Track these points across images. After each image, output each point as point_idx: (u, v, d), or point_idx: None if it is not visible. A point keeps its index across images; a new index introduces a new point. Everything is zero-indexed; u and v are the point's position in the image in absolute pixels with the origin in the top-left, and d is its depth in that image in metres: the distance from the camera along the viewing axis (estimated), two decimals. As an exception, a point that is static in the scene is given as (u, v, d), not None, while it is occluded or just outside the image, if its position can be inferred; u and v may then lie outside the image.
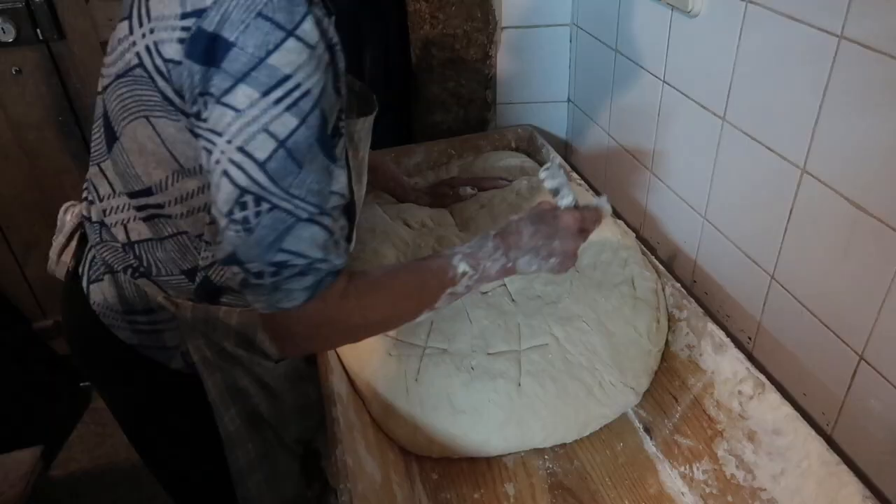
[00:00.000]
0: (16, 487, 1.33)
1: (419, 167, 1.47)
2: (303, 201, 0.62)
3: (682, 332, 1.01)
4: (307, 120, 0.60)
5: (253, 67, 0.57)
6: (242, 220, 0.62)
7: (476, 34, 1.42)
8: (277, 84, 0.58)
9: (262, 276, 0.64)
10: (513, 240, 0.81)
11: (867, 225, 0.74)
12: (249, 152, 0.59)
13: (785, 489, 0.80)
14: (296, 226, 0.62)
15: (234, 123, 0.59)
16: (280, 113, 0.59)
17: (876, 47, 0.68)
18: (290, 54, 0.58)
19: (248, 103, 0.58)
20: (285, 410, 0.95)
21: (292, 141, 0.60)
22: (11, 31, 1.54)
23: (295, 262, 0.63)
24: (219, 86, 0.59)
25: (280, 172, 0.60)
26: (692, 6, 0.97)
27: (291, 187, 0.61)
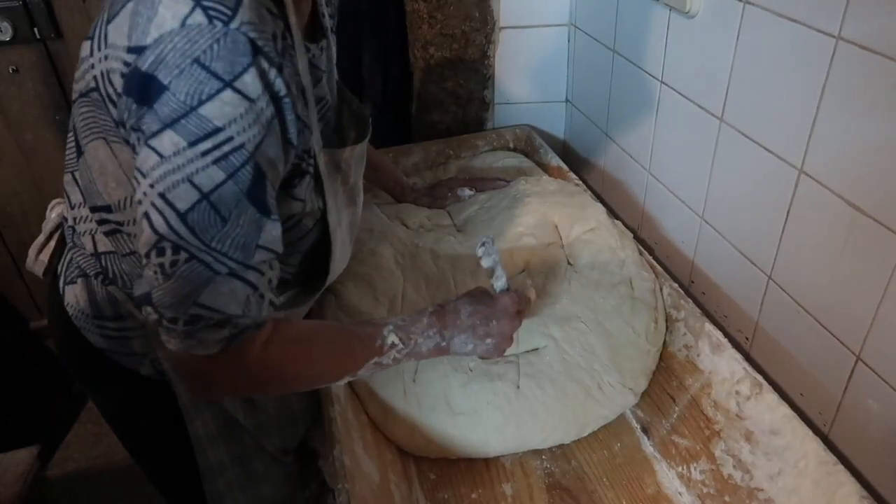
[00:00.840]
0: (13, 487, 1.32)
1: (417, 167, 1.47)
2: (224, 256, 0.59)
3: (679, 332, 1.01)
4: (236, 175, 0.57)
5: (183, 115, 0.55)
6: (159, 265, 0.59)
7: (474, 34, 1.42)
8: (206, 136, 0.56)
9: (175, 321, 0.61)
10: (450, 318, 0.81)
11: (864, 225, 0.74)
12: (170, 200, 0.57)
13: (782, 489, 0.80)
14: (214, 279, 0.59)
15: (158, 168, 0.56)
16: (206, 165, 0.56)
17: (873, 48, 0.69)
18: (225, 106, 0.56)
19: (174, 151, 0.56)
20: (265, 420, 0.94)
21: (217, 194, 0.57)
22: (9, 29, 1.53)
23: (210, 316, 0.61)
24: (148, 127, 0.56)
25: (201, 225, 0.57)
26: (690, 7, 0.97)
27: (213, 241, 0.58)
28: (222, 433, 0.89)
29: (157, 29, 0.56)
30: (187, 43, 0.55)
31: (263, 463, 0.94)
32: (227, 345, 0.63)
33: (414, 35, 1.43)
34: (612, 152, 1.33)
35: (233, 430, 0.90)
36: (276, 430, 0.96)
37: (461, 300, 0.84)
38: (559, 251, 1.09)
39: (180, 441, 0.87)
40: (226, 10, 0.56)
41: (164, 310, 0.60)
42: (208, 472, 0.89)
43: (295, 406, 0.99)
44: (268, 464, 0.95)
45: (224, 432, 0.89)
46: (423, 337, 0.80)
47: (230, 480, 0.90)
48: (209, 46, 0.55)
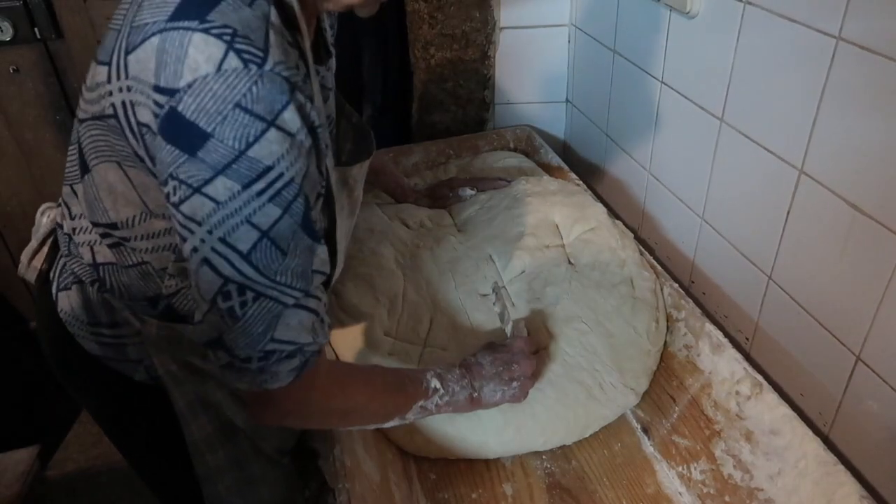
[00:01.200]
0: (12, 487, 1.32)
1: (417, 167, 1.47)
2: (289, 287, 0.61)
3: (680, 332, 1.01)
4: (290, 208, 0.59)
5: (233, 160, 0.55)
6: (228, 309, 0.60)
7: (475, 34, 1.42)
8: (259, 176, 0.56)
9: (249, 360, 0.63)
10: (475, 370, 0.86)
11: (864, 225, 0.74)
12: (232, 244, 0.58)
13: (782, 489, 0.80)
14: (284, 313, 0.61)
15: (215, 215, 0.57)
16: (263, 204, 0.57)
17: (873, 49, 0.69)
18: (272, 145, 0.56)
19: (229, 196, 0.56)
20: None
21: (275, 230, 0.58)
22: (9, 29, 1.53)
23: (283, 349, 0.63)
24: (196, 176, 0.56)
25: (264, 262, 0.59)
26: (690, 7, 0.97)
27: (277, 275, 0.60)
28: (219, 437, 0.88)
29: (192, 73, 0.55)
30: (226, 89, 0.55)
31: (261, 465, 0.94)
32: (298, 374, 0.65)
33: (414, 35, 1.43)
34: (613, 152, 1.34)
35: (229, 434, 0.90)
36: (273, 432, 0.96)
37: (480, 353, 0.89)
38: (560, 251, 1.09)
39: (176, 447, 0.87)
40: (258, 52, 0.56)
41: (238, 351, 0.62)
42: (206, 478, 0.88)
43: None
44: (265, 466, 0.95)
45: (221, 436, 0.89)
46: (458, 385, 0.83)
47: (229, 484, 0.90)
48: (248, 90, 0.55)
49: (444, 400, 0.82)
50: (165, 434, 0.87)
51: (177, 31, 0.56)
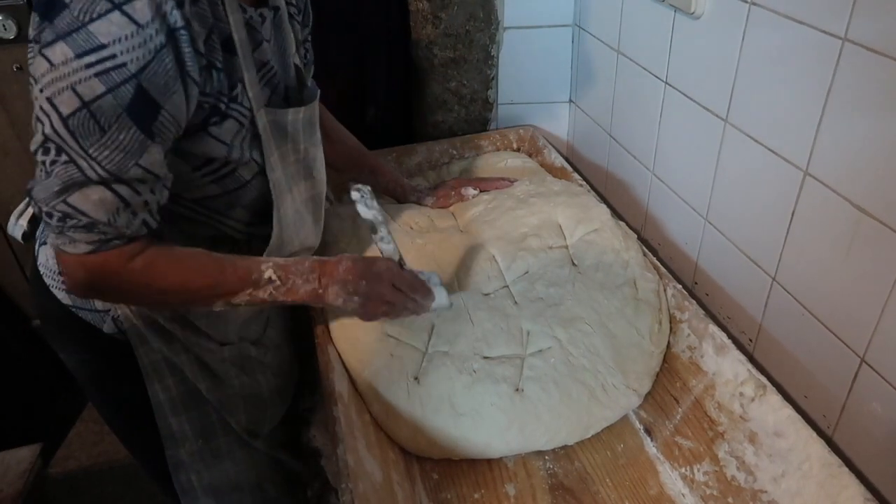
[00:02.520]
0: (15, 485, 1.32)
1: (420, 167, 1.46)
2: (98, 164, 0.65)
3: (683, 333, 1.01)
4: (117, 91, 0.63)
5: (74, 30, 0.61)
6: (42, 163, 0.66)
7: (478, 34, 1.41)
8: (91, 50, 0.62)
9: (50, 216, 0.68)
10: (329, 268, 0.85)
11: (869, 227, 0.74)
12: (56, 105, 0.63)
13: (786, 491, 0.80)
14: (86, 185, 0.66)
15: (47, 75, 0.63)
16: (88, 77, 0.62)
17: (880, 50, 0.68)
18: (112, 26, 0.61)
19: (62, 60, 0.62)
20: (230, 395, 0.96)
21: (96, 105, 0.63)
22: (13, 27, 1.53)
23: (78, 218, 0.67)
24: (45, 38, 0.63)
25: (81, 130, 0.64)
26: (695, 7, 0.97)
27: (90, 147, 0.65)
28: (185, 402, 0.92)
29: None
30: None
31: (228, 441, 0.96)
32: (95, 249, 0.70)
33: (418, 35, 1.43)
34: (616, 153, 1.33)
35: (196, 401, 0.93)
36: (241, 408, 0.97)
37: (344, 256, 0.88)
38: (563, 252, 1.09)
39: (144, 405, 0.90)
40: None
41: (40, 203, 0.67)
42: (170, 439, 0.92)
43: (263, 386, 1.00)
44: (232, 443, 0.97)
45: (187, 401, 0.92)
46: (301, 279, 0.83)
47: (193, 451, 0.93)
48: None
49: (281, 291, 0.82)
50: (133, 391, 0.90)
51: None
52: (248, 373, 0.98)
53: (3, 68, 1.59)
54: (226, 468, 0.96)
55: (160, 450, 0.92)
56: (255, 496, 1.00)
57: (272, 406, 1.03)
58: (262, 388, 1.00)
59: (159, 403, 0.90)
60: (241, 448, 0.98)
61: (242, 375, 0.97)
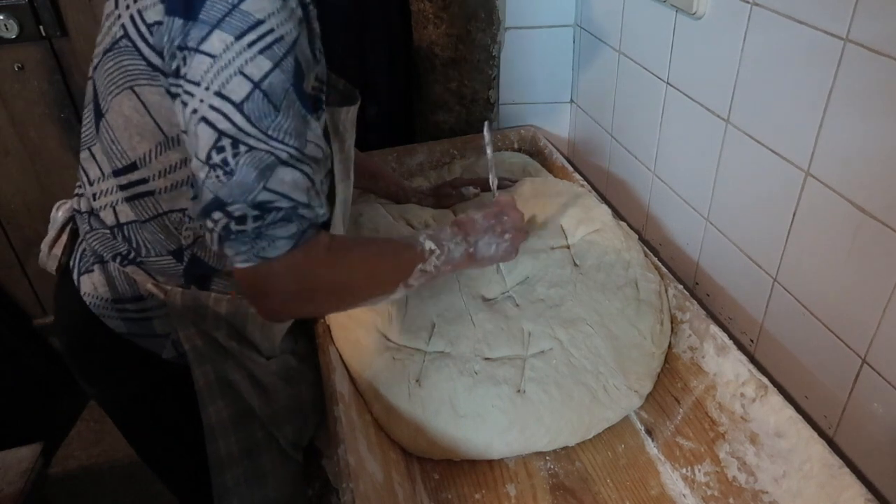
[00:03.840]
0: (16, 484, 1.32)
1: (421, 167, 1.47)
2: (281, 143, 0.63)
3: (684, 334, 1.01)
4: (281, 64, 0.62)
5: (227, 13, 0.59)
6: (222, 162, 0.62)
7: (479, 34, 1.41)
8: (250, 28, 0.60)
9: (244, 220, 0.63)
10: (468, 226, 0.87)
11: (871, 228, 0.74)
12: (226, 95, 0.60)
13: (787, 492, 0.80)
14: (277, 167, 0.63)
15: (211, 69, 0.60)
16: (254, 55, 0.60)
17: (881, 50, 0.68)
18: (262, 1, 0.60)
19: (223, 48, 0.60)
20: (279, 410, 0.95)
21: (267, 83, 0.61)
22: (14, 27, 1.53)
23: (279, 205, 0.63)
24: (196, 36, 0.60)
25: (257, 113, 0.61)
26: (696, 8, 0.97)
27: (269, 129, 0.62)
28: (234, 422, 0.90)
29: None
30: None
31: (271, 459, 0.95)
32: (296, 242, 0.65)
33: (419, 35, 1.43)
34: (618, 153, 1.33)
35: (245, 420, 0.91)
36: (289, 421, 0.97)
37: (471, 211, 0.90)
38: (565, 252, 1.09)
39: (190, 431, 0.88)
40: None
41: (232, 207, 0.63)
42: (217, 465, 0.89)
43: (305, 397, 1.00)
44: (275, 460, 0.95)
45: (236, 422, 0.90)
46: (452, 243, 0.83)
47: (237, 475, 0.91)
48: None
49: (441, 259, 0.81)
50: (182, 417, 0.88)
51: None
52: (292, 385, 0.98)
53: (3, 68, 1.59)
54: (268, 488, 0.95)
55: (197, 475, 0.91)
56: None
57: (313, 416, 1.03)
58: (304, 399, 1.00)
59: (211, 427, 0.87)
60: (283, 464, 0.97)
61: (288, 388, 0.96)
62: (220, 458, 0.89)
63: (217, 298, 0.85)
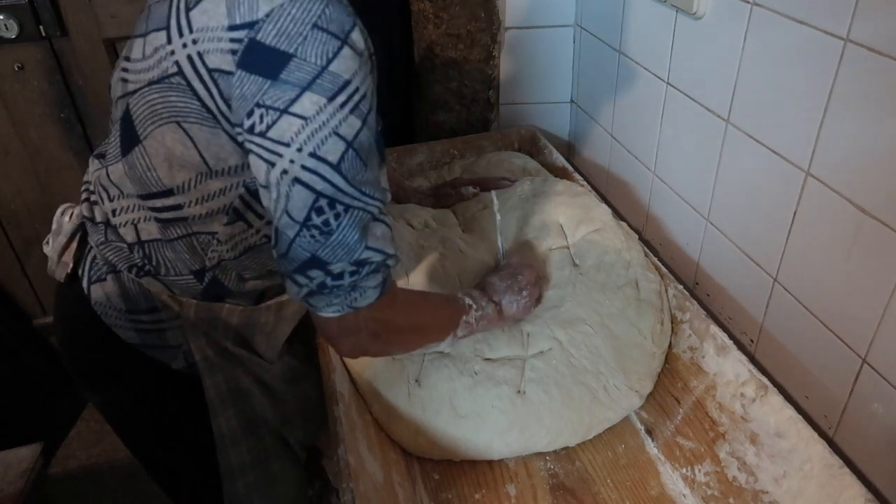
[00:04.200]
0: (16, 484, 1.32)
1: (421, 167, 1.47)
2: (372, 199, 0.65)
3: (684, 334, 1.01)
4: (367, 120, 0.63)
5: (317, 76, 0.60)
6: (322, 223, 0.63)
7: (479, 34, 1.41)
8: (340, 89, 0.61)
9: (342, 276, 0.66)
10: (490, 289, 0.93)
11: (871, 228, 0.74)
12: (322, 156, 0.61)
13: (787, 492, 0.80)
14: (371, 223, 0.66)
15: (304, 131, 0.61)
16: (346, 116, 0.61)
17: (882, 50, 0.68)
18: (347, 61, 0.61)
19: (316, 110, 0.60)
20: (288, 412, 0.96)
21: (358, 141, 0.63)
22: (14, 27, 1.53)
23: (374, 259, 0.66)
24: (283, 97, 0.60)
25: (352, 172, 0.63)
26: (697, 8, 0.96)
27: (362, 185, 0.64)
28: (244, 431, 0.90)
29: (268, 3, 0.60)
30: (303, 12, 0.60)
31: (281, 464, 0.95)
32: (382, 290, 0.69)
33: (419, 35, 1.43)
34: (618, 153, 1.33)
35: (253, 428, 0.91)
36: (298, 423, 0.98)
37: (485, 277, 0.97)
38: (565, 252, 1.09)
39: (193, 440, 0.88)
40: None
41: (333, 266, 0.65)
42: (228, 474, 0.89)
43: (309, 397, 1.00)
44: (285, 464, 0.96)
45: (245, 430, 0.90)
46: (484, 301, 0.90)
47: (250, 483, 0.90)
48: (322, 11, 0.60)
49: (478, 315, 0.88)
50: (190, 427, 0.88)
51: None
52: (297, 385, 0.99)
53: (3, 68, 1.58)
54: (278, 492, 0.95)
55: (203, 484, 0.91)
56: None
57: (318, 414, 1.02)
58: (311, 398, 1.01)
59: (221, 437, 0.88)
60: (294, 467, 0.98)
61: (294, 389, 0.97)
62: (231, 467, 0.89)
63: (230, 310, 0.85)
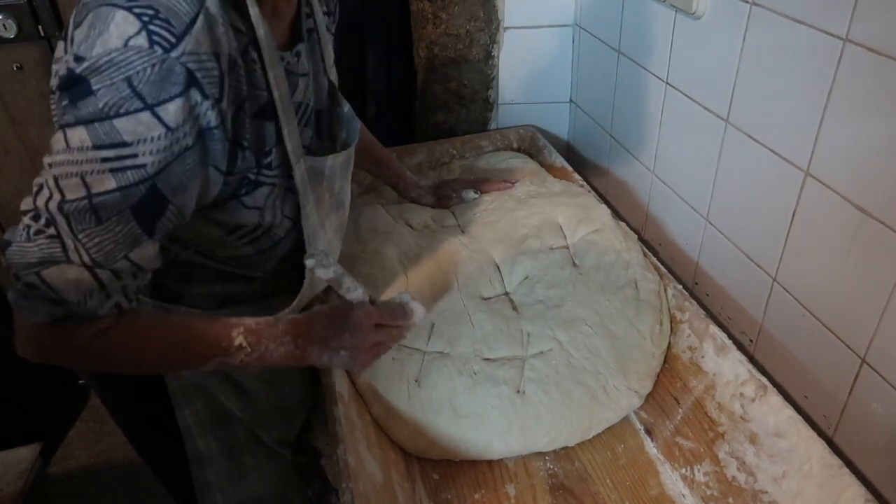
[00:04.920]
0: (15, 484, 1.32)
1: (421, 167, 1.46)
2: (85, 250, 0.61)
3: (683, 333, 1.01)
4: (128, 189, 0.60)
5: (98, 119, 0.58)
6: (26, 228, 0.62)
7: (479, 34, 1.41)
8: (112, 145, 0.58)
9: (17, 279, 0.63)
10: (303, 329, 0.80)
11: (870, 228, 0.74)
12: (60, 186, 0.60)
13: (786, 492, 0.80)
14: (65, 265, 0.62)
15: (60, 155, 0.59)
16: (102, 171, 0.59)
17: (881, 50, 0.68)
18: (139, 126, 0.58)
19: (78, 146, 0.59)
20: (260, 411, 0.95)
21: (101, 200, 0.60)
22: (13, 26, 1.53)
23: (44, 292, 0.62)
24: (67, 118, 0.59)
25: (77, 217, 0.60)
26: (696, 8, 0.96)
27: (81, 233, 0.61)
28: (211, 423, 0.91)
29: (103, 45, 0.58)
30: (125, 63, 0.58)
31: (254, 457, 0.95)
32: (56, 321, 0.64)
33: (418, 35, 1.43)
34: (617, 153, 1.33)
35: (223, 421, 0.92)
36: (272, 421, 0.97)
37: (316, 312, 0.84)
38: (564, 253, 1.09)
39: (174, 429, 0.89)
40: (170, 38, 0.58)
41: (11, 262, 0.63)
42: (196, 460, 0.90)
43: (288, 397, 1.00)
44: (259, 458, 0.96)
45: (214, 422, 0.91)
46: (275, 343, 0.78)
47: (219, 472, 0.92)
48: (143, 69, 0.58)
49: (252, 357, 0.78)
50: (163, 415, 0.89)
51: (106, 7, 0.59)
52: (274, 385, 0.97)
53: (3, 68, 1.58)
54: (251, 486, 0.95)
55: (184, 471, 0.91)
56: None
57: (299, 413, 1.03)
58: (288, 398, 0.99)
59: (187, 427, 0.88)
60: (269, 462, 0.97)
61: (269, 388, 0.96)
62: (198, 454, 0.90)
63: (188, 311, 0.85)
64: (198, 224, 0.73)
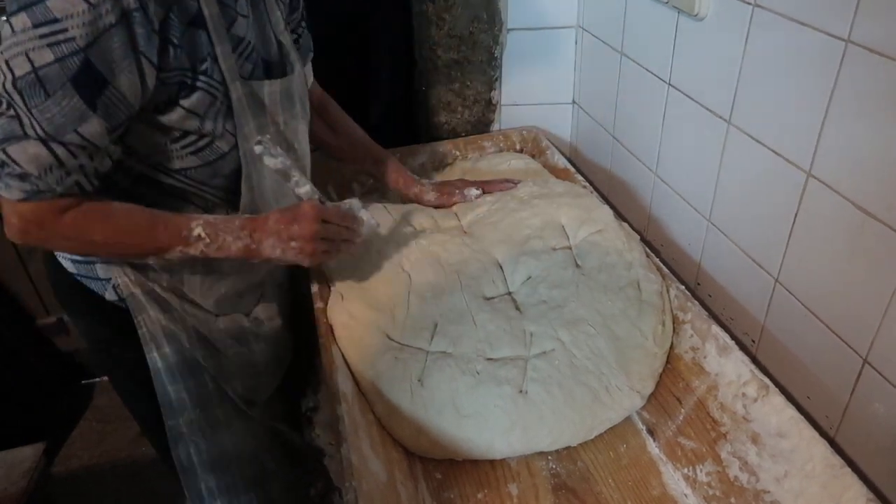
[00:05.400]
0: (19, 484, 1.33)
1: (424, 168, 1.47)
2: (38, 123, 0.71)
3: (686, 334, 1.01)
4: (63, 61, 0.69)
5: (34, 3, 0.68)
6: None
7: (482, 35, 1.42)
8: (46, 22, 0.68)
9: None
10: (259, 223, 0.89)
11: (873, 228, 0.74)
12: (11, 66, 0.70)
13: (788, 492, 0.80)
14: (24, 139, 0.71)
15: (8, 40, 0.70)
16: (41, 46, 0.69)
17: (883, 52, 0.69)
18: (66, 3, 0.68)
19: (21, 28, 0.69)
20: (226, 364, 0.99)
21: (44, 72, 0.69)
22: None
23: (12, 167, 0.72)
24: (11, 8, 0.70)
25: (27, 92, 0.70)
26: (698, 9, 0.97)
27: (34, 108, 0.70)
28: (182, 370, 0.95)
29: None
30: None
31: (225, 411, 0.99)
32: (27, 197, 0.75)
33: (421, 36, 1.43)
34: (619, 154, 1.34)
35: (193, 370, 0.96)
36: (237, 376, 1.01)
37: (272, 211, 0.92)
38: (567, 253, 1.09)
39: (146, 373, 0.93)
40: None
41: None
42: (168, 407, 0.94)
43: (258, 355, 1.04)
44: (229, 413, 0.99)
45: (184, 369, 0.95)
46: (231, 236, 0.87)
47: (191, 420, 0.95)
48: None
49: (211, 248, 0.87)
50: (135, 359, 0.93)
51: None
52: (242, 343, 1.02)
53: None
54: (223, 440, 0.99)
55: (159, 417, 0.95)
56: (253, 468, 1.02)
57: (266, 374, 1.07)
58: (256, 357, 1.04)
59: (157, 371, 0.93)
60: (239, 418, 1.01)
61: (237, 345, 1.01)
62: (169, 401, 0.94)
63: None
64: (144, 131, 0.82)
